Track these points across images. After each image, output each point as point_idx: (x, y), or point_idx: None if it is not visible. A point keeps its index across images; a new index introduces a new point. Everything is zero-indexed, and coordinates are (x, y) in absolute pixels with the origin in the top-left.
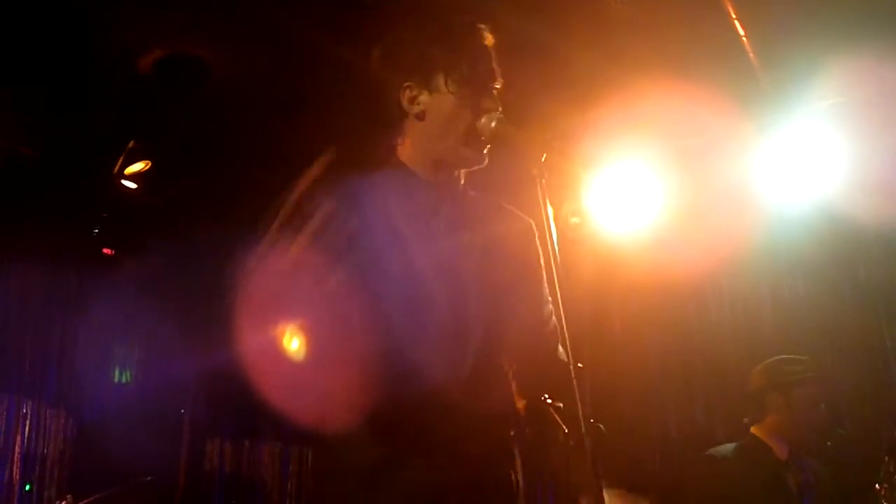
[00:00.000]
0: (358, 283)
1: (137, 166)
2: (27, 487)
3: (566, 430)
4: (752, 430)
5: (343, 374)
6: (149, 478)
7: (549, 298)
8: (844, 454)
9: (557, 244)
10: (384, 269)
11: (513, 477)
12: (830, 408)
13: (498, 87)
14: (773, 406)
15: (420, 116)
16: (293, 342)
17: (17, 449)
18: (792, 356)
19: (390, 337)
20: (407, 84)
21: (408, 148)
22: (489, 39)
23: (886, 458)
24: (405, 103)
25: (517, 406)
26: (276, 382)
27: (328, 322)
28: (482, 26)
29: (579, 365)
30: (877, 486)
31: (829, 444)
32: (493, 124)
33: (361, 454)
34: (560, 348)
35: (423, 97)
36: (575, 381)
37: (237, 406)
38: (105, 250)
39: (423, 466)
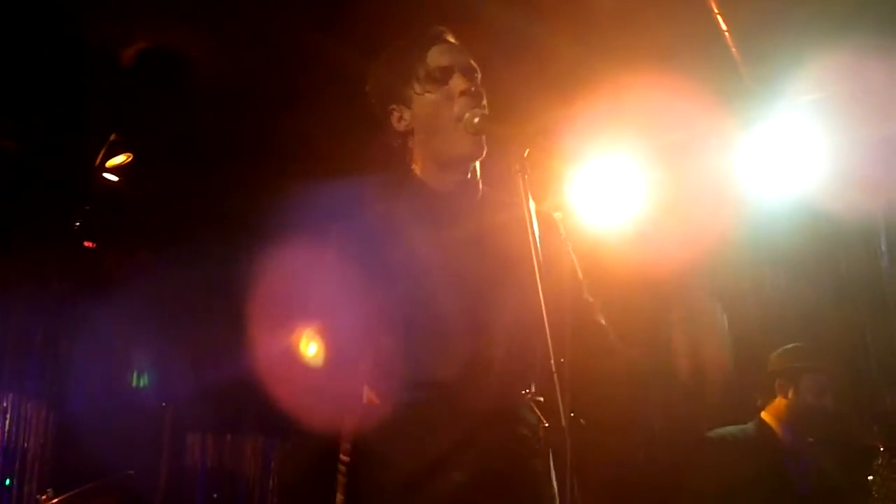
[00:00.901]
0: (366, 290)
1: (119, 159)
2: (7, 482)
3: (546, 425)
4: (762, 414)
5: (353, 378)
6: (130, 472)
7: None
8: (841, 446)
9: (539, 239)
10: (392, 278)
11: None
12: (836, 398)
13: (471, 72)
14: (782, 390)
15: (411, 131)
16: (310, 346)
17: None
18: (806, 345)
19: (398, 340)
20: (391, 108)
21: (418, 163)
22: (449, 36)
23: (881, 449)
24: (395, 126)
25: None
26: (292, 385)
27: (339, 325)
28: (441, 28)
29: (561, 360)
30: (869, 477)
31: (817, 436)
32: (476, 120)
33: (396, 466)
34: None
35: (405, 112)
36: (556, 376)
37: (220, 399)
38: (87, 243)
39: (457, 473)
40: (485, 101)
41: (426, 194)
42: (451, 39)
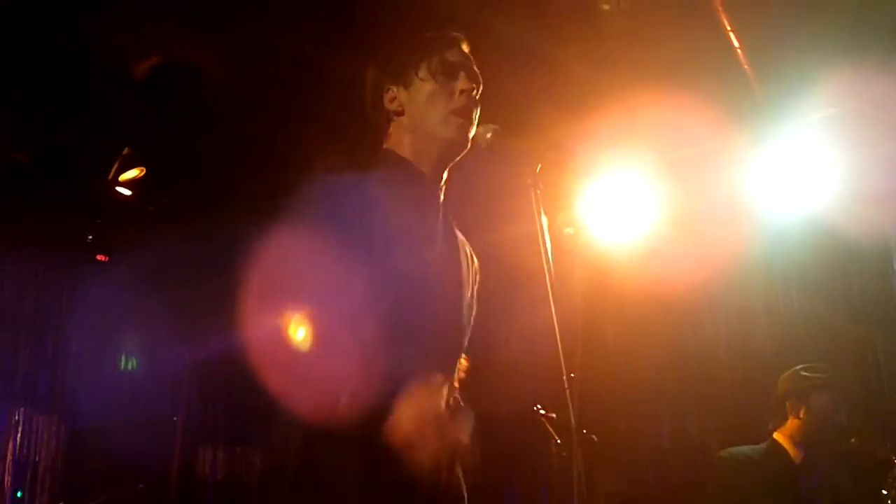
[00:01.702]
0: (357, 275)
1: (132, 173)
2: (19, 494)
3: (558, 441)
4: (774, 434)
5: (341, 365)
6: (140, 485)
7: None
8: (855, 461)
9: (551, 254)
10: (383, 264)
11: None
12: (848, 414)
13: (477, 79)
14: (794, 411)
15: (399, 112)
16: (299, 331)
17: (8, 456)
18: (814, 364)
19: (382, 330)
20: (387, 87)
21: (394, 144)
22: (464, 45)
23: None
24: (387, 105)
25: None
26: (280, 371)
27: (329, 311)
28: (461, 36)
29: (571, 375)
30: (883, 491)
31: (831, 453)
32: (489, 135)
33: (354, 450)
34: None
35: (401, 94)
36: (568, 392)
37: (231, 410)
38: (99, 257)
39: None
40: (478, 112)
41: (412, 178)
42: (466, 49)
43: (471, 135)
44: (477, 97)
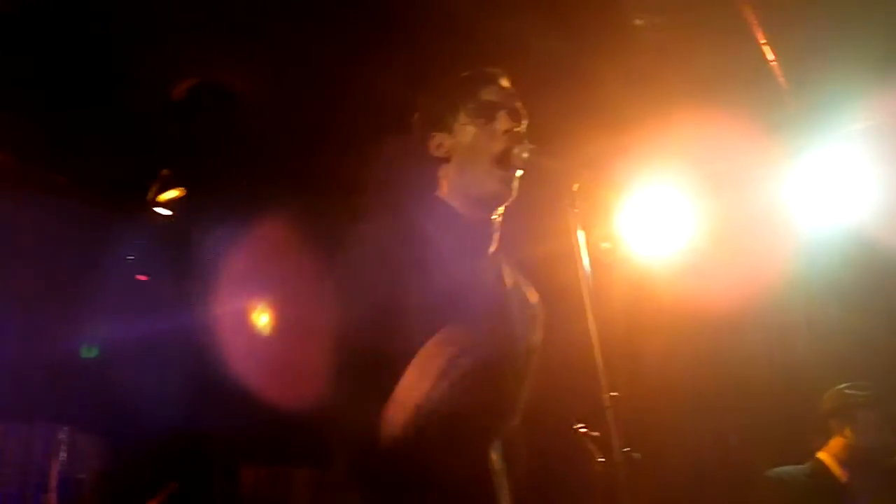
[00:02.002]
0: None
1: (172, 193)
2: None
3: (601, 460)
4: (818, 454)
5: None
6: (174, 484)
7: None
8: None
9: (590, 270)
10: (423, 317)
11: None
12: (894, 430)
13: (518, 116)
14: (838, 430)
15: (447, 158)
16: (262, 318)
17: (53, 475)
18: (856, 382)
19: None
20: (432, 134)
21: (444, 192)
22: (503, 80)
23: None
24: (433, 151)
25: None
26: (252, 359)
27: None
28: (497, 71)
29: (614, 394)
30: None
31: (879, 471)
32: (525, 154)
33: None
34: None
35: (446, 140)
36: (609, 410)
37: (271, 430)
38: (139, 277)
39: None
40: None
41: (453, 218)
42: (506, 84)
43: (514, 184)
44: (521, 131)
